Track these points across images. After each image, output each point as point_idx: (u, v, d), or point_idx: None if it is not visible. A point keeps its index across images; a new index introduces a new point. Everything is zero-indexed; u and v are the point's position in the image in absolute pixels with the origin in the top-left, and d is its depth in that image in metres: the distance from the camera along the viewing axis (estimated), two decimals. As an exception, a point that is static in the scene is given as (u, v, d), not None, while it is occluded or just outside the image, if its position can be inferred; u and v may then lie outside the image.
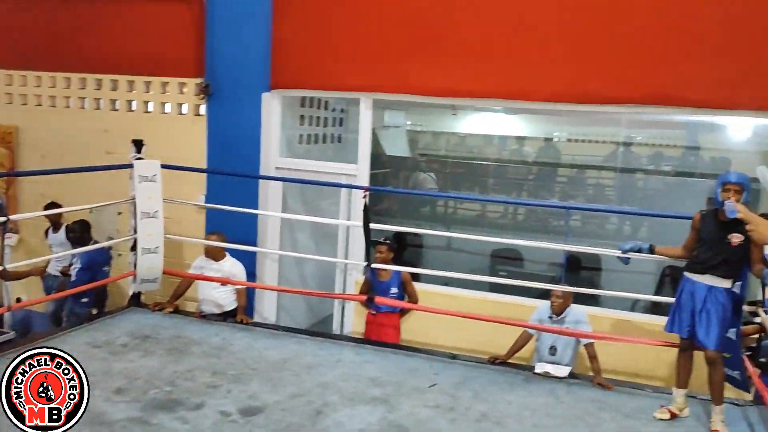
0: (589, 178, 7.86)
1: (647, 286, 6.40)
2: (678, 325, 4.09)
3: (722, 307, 3.94)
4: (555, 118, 7.74)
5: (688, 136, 7.46)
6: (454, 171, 8.15)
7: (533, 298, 5.53)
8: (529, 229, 7.36)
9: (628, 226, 7.30)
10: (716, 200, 3.96)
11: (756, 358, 4.44)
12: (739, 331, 4.23)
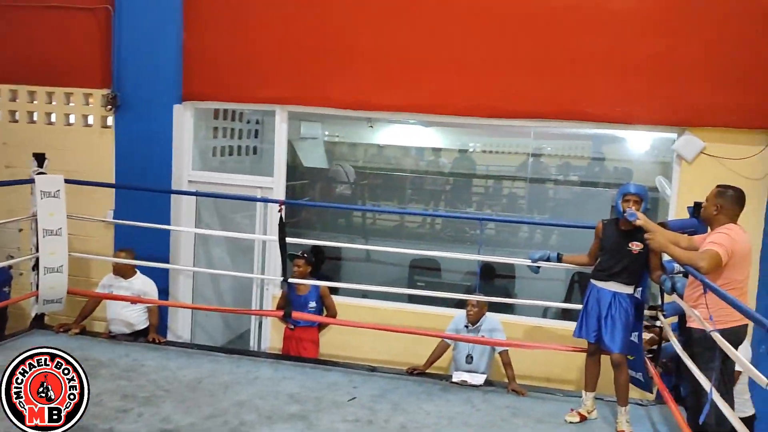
0: (502, 188, 8.11)
1: (558, 293, 6.68)
2: (585, 330, 4.22)
3: (626, 312, 4.10)
4: (469, 131, 7.82)
5: (594, 147, 7.79)
6: (373, 182, 8.21)
7: (450, 308, 5.61)
8: (447, 239, 7.50)
9: (540, 235, 7.57)
10: (617, 210, 4.15)
11: (657, 360, 4.66)
12: (641, 335, 4.37)
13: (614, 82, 5.44)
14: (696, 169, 5.36)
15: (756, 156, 5.25)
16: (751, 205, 4.84)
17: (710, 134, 5.32)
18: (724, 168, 5.25)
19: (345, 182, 7.94)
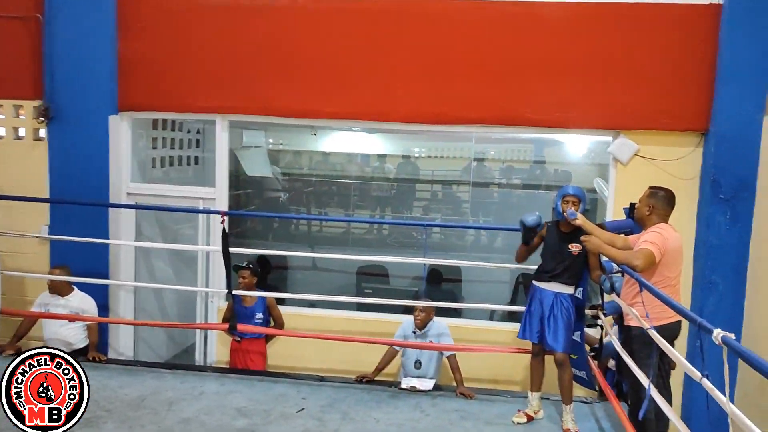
0: (446, 192, 8.21)
1: (503, 295, 6.77)
2: (529, 331, 4.26)
3: (567, 311, 4.18)
4: (413, 136, 7.98)
5: (535, 151, 7.93)
6: (318, 189, 8.19)
7: (398, 314, 5.65)
8: (393, 245, 7.55)
9: (485, 237, 7.73)
10: (557, 211, 4.24)
11: (599, 358, 4.81)
12: (583, 334, 4.50)
13: (552, 87, 5.55)
14: (631, 171, 5.49)
15: (687, 157, 5.41)
16: (683, 204, 5.17)
17: (643, 137, 5.46)
18: (657, 169, 5.40)
19: (278, 189, 7.92)
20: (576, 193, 4.16)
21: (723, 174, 5.24)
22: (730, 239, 5.27)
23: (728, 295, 5.28)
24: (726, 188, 5.25)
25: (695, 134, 5.44)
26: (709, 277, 5.30)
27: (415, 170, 8.32)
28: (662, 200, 3.84)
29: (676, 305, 3.06)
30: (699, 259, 5.44)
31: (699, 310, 5.32)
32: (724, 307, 5.28)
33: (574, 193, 4.15)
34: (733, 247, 5.26)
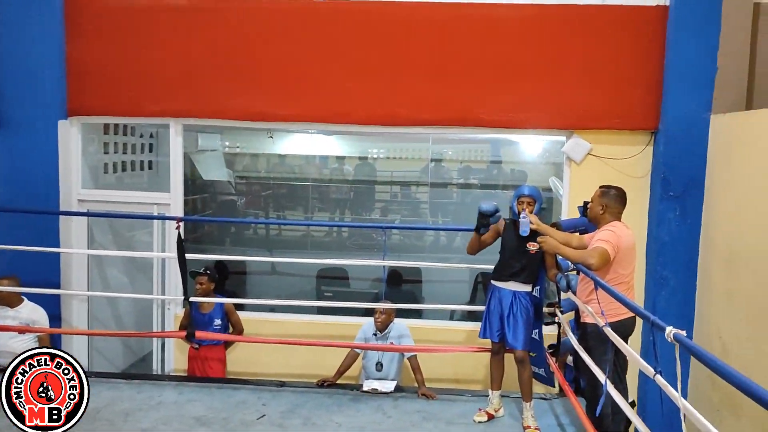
0: (405, 193, 8.21)
1: (463, 295, 6.78)
2: (489, 330, 4.28)
3: (526, 310, 4.20)
4: (371, 138, 7.89)
5: (492, 151, 7.94)
6: (276, 192, 8.12)
7: (359, 317, 5.61)
8: (353, 247, 7.49)
9: (444, 238, 7.77)
10: (513, 211, 4.25)
11: (557, 355, 4.84)
12: (541, 331, 4.48)
13: (506, 88, 5.59)
14: (585, 170, 5.54)
15: (638, 155, 5.50)
16: (635, 201, 5.26)
17: (596, 136, 5.53)
18: (610, 168, 5.47)
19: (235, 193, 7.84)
20: (531, 194, 4.18)
21: (672, 171, 5.32)
22: (680, 235, 5.35)
23: (679, 290, 5.37)
24: (675, 185, 5.33)
25: (645, 133, 5.53)
26: (661, 273, 5.39)
27: (373, 171, 8.27)
28: (614, 198, 3.89)
29: (629, 303, 3.13)
30: (651, 255, 5.52)
31: (652, 305, 5.44)
32: (675, 302, 5.37)
33: (530, 194, 4.17)
34: (684, 243, 5.35)
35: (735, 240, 4.76)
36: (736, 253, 4.73)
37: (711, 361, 2.00)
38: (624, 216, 3.89)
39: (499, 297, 4.26)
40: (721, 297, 4.95)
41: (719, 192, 5.13)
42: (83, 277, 6.16)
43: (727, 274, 4.86)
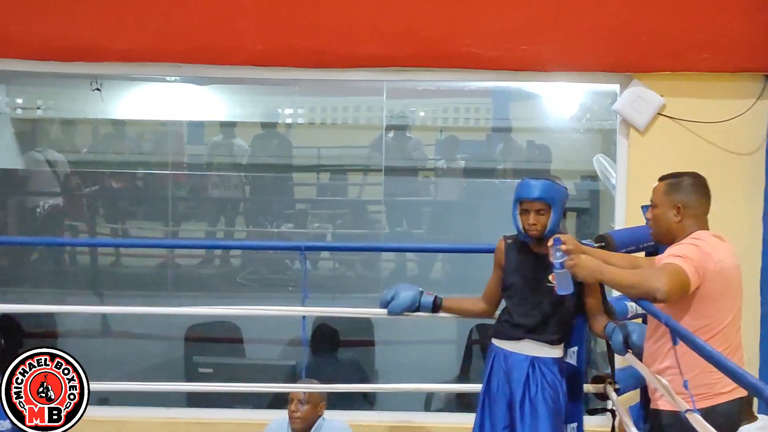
0: (341, 186, 8.20)
1: (448, 366, 6.79)
2: (491, 427, 4.20)
3: (553, 390, 4.11)
4: (280, 91, 7.88)
5: (495, 111, 8.04)
6: (109, 187, 8.05)
7: (262, 410, 5.63)
8: (249, 284, 7.52)
9: (414, 264, 7.67)
10: (515, 225, 4.17)
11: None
12: (581, 428, 4.40)
13: (513, 4, 5.69)
14: (653, 141, 5.60)
15: (743, 116, 5.53)
16: (738, 196, 5.34)
17: (671, 84, 5.60)
18: (695, 137, 5.56)
19: (39, 191, 7.71)
20: (542, 196, 4.05)
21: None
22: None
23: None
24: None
25: (755, 78, 5.55)
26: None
27: (286, 149, 8.14)
28: (693, 191, 3.87)
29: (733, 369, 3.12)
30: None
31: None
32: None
33: (539, 197, 4.05)
34: None
35: None
36: None
37: None
38: (722, 221, 3.95)
39: (506, 368, 4.17)
40: None
41: None
42: None
43: None
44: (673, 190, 3.89)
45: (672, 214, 3.87)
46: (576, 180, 7.09)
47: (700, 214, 3.88)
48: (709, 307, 3.67)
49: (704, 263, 3.60)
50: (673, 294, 3.47)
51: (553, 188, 4.11)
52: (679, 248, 3.68)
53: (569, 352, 4.33)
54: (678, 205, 3.85)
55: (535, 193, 4.08)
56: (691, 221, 3.85)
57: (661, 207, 3.91)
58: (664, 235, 3.95)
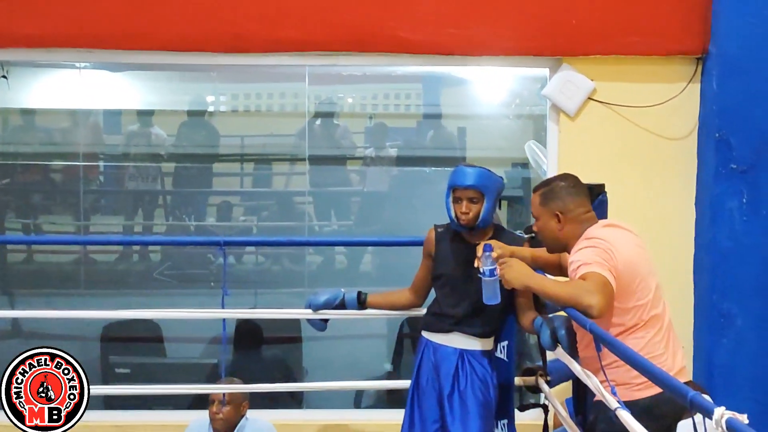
0: (264, 176, 8.07)
1: (377, 361, 6.79)
2: (420, 421, 4.17)
3: (483, 384, 4.10)
4: (201, 78, 7.77)
5: (425, 97, 7.97)
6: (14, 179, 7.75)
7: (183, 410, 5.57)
8: (169, 281, 7.37)
9: (343, 258, 7.54)
10: (448, 212, 4.12)
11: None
12: (512, 422, 4.39)
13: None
14: (583, 127, 5.58)
15: (674, 101, 5.53)
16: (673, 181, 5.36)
17: (601, 68, 5.59)
18: (626, 122, 5.55)
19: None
20: (475, 184, 4.01)
21: (735, 127, 5.33)
22: (751, 238, 5.34)
23: (752, 334, 5.36)
24: (741, 151, 5.33)
25: (687, 61, 5.56)
26: (720, 306, 5.38)
27: (209, 138, 7.98)
28: (566, 195, 3.80)
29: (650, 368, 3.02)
30: (702, 275, 5.52)
31: (706, 362, 5.41)
32: (746, 355, 5.35)
33: (473, 184, 4.01)
34: (756, 250, 5.36)
35: None
36: None
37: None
38: (654, 207, 3.86)
39: (435, 362, 4.14)
40: None
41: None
42: None
43: None
44: (547, 199, 3.86)
45: (553, 224, 3.83)
46: (507, 168, 7.00)
47: (581, 214, 3.84)
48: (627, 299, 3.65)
49: (612, 262, 3.58)
50: (605, 310, 3.45)
51: (487, 176, 4.06)
52: (585, 254, 3.63)
53: (500, 347, 4.31)
54: (557, 213, 3.81)
55: (468, 180, 4.01)
56: (574, 225, 3.82)
57: (542, 219, 3.88)
58: (553, 245, 3.92)
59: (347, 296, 4.53)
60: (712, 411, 2.31)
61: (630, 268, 3.62)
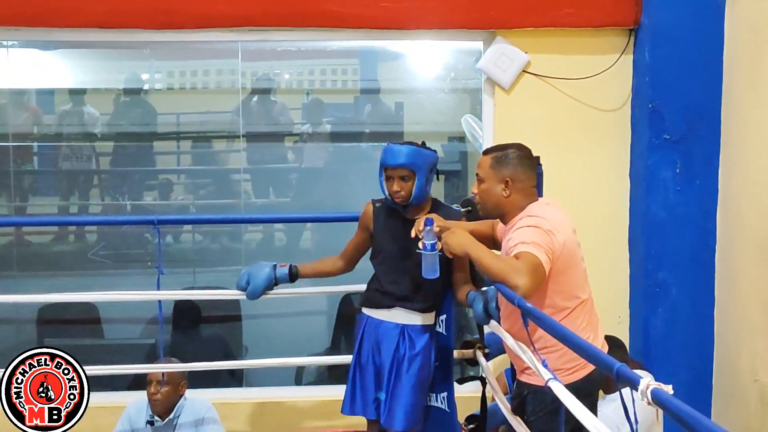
0: (201, 154, 8.02)
1: (318, 338, 6.73)
2: (361, 398, 4.19)
3: (423, 358, 4.13)
4: (138, 55, 7.61)
5: (363, 72, 7.90)
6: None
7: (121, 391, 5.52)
8: (105, 262, 7.27)
9: (282, 235, 7.52)
10: (382, 191, 4.14)
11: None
12: (452, 395, 4.40)
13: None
14: (518, 100, 5.58)
15: (607, 72, 5.55)
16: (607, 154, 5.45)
17: (535, 41, 5.60)
18: (560, 94, 5.58)
19: None
20: (405, 162, 3.99)
21: (667, 99, 5.37)
22: (684, 209, 5.40)
23: (686, 303, 5.43)
24: (673, 122, 5.37)
25: (619, 33, 5.60)
26: (655, 276, 5.43)
27: (148, 115, 7.81)
28: (519, 164, 3.81)
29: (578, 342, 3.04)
30: (636, 246, 5.56)
31: (641, 332, 5.49)
32: (680, 324, 5.42)
33: (403, 163, 4.00)
34: (691, 221, 5.40)
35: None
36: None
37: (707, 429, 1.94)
38: (589, 178, 3.87)
39: (377, 338, 4.15)
40: (755, 312, 4.93)
41: (748, 130, 5.08)
42: None
43: (765, 271, 4.83)
44: (499, 163, 3.85)
45: (500, 189, 3.83)
46: (444, 142, 7.01)
47: (528, 187, 3.87)
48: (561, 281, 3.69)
49: (551, 245, 3.61)
50: (532, 291, 3.47)
51: (417, 153, 4.05)
52: (528, 234, 3.64)
53: (438, 321, 4.32)
54: (506, 179, 3.82)
55: (397, 159, 4.03)
56: (520, 195, 3.83)
57: (488, 182, 3.86)
58: (492, 210, 3.92)
59: (279, 273, 4.53)
60: (638, 382, 2.33)
61: (568, 250, 3.67)
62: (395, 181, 4.01)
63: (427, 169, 4.04)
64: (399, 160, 4.00)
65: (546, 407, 3.63)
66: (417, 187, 3.99)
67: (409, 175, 4.00)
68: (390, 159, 4.02)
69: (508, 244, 3.68)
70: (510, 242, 3.64)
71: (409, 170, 4.00)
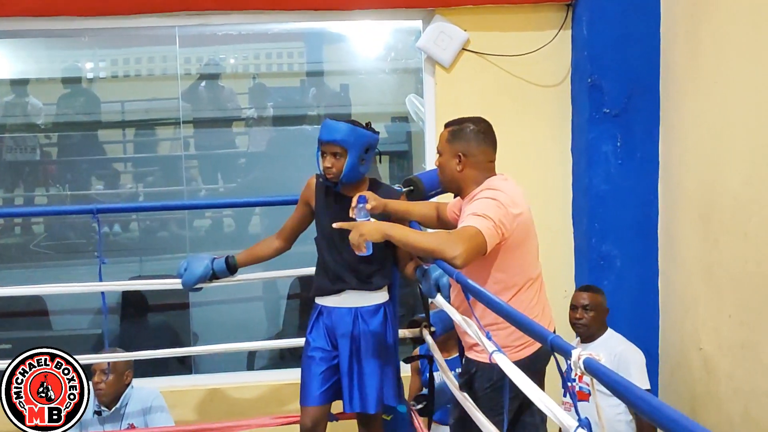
0: (144, 143, 7.89)
1: (270, 320, 6.70)
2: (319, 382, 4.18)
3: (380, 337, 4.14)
4: (79, 44, 7.48)
5: (308, 55, 7.80)
6: None
7: None
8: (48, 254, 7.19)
9: (231, 221, 7.42)
10: (317, 166, 4.12)
11: (431, 413, 4.70)
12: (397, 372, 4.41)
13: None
14: (459, 78, 5.58)
15: (546, 48, 5.55)
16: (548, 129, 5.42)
17: (474, 18, 5.58)
18: (500, 71, 5.59)
19: None
20: (336, 139, 3.95)
21: (606, 73, 5.38)
22: (625, 181, 5.44)
23: (630, 275, 5.50)
24: (613, 96, 5.40)
25: (556, 8, 5.59)
26: (599, 248, 5.47)
27: (92, 104, 7.68)
28: (473, 139, 3.79)
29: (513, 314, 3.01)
30: (580, 219, 5.59)
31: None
32: (625, 296, 5.46)
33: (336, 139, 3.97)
34: (632, 193, 5.45)
35: (716, 184, 4.76)
36: (720, 206, 4.74)
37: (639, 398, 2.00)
38: (532, 154, 3.83)
39: (331, 324, 4.15)
40: (698, 281, 4.99)
41: (686, 102, 5.11)
42: None
43: (706, 241, 4.87)
44: (455, 137, 3.85)
45: (454, 163, 3.83)
46: (387, 122, 6.95)
47: (482, 162, 3.83)
48: (513, 256, 3.69)
49: (505, 219, 3.58)
50: (469, 261, 3.44)
51: (352, 131, 3.99)
52: (479, 205, 3.63)
53: None
54: (459, 154, 3.80)
55: (330, 135, 4.00)
56: (473, 171, 3.82)
57: (445, 155, 3.87)
58: (449, 183, 3.93)
59: (216, 266, 4.46)
60: (570, 352, 2.38)
61: (523, 225, 3.67)
62: (327, 157, 4.00)
63: (361, 149, 3.99)
64: (331, 136, 3.97)
65: (493, 383, 3.63)
66: (348, 165, 3.96)
67: (342, 152, 3.97)
68: (324, 134, 4.00)
69: (463, 216, 3.65)
70: (464, 213, 3.64)
71: (342, 147, 3.96)
